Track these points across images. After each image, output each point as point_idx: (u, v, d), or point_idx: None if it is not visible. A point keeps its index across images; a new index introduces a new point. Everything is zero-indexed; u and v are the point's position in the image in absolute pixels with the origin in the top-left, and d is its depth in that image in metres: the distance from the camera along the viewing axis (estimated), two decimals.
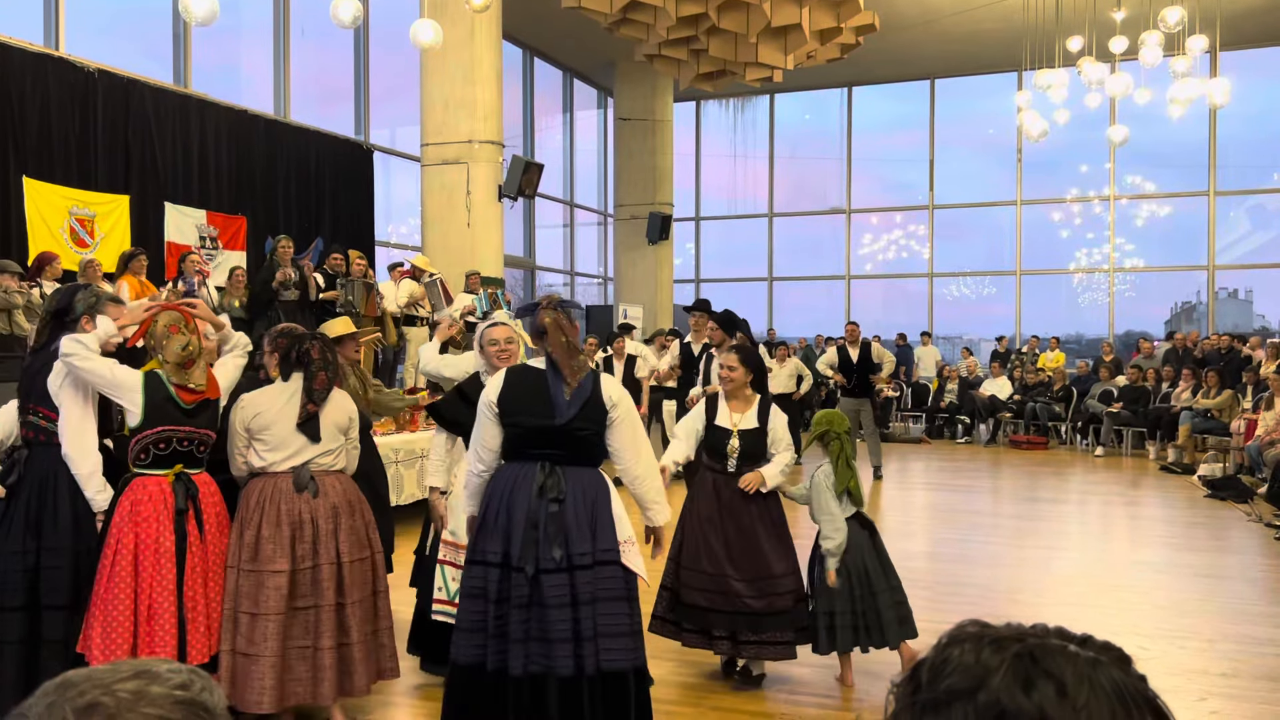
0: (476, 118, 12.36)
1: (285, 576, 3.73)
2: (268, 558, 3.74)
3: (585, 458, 3.38)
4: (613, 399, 3.38)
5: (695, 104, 21.54)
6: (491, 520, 3.34)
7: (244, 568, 3.77)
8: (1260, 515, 8.77)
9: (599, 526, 3.31)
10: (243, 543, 3.78)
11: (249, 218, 11.81)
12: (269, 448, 3.87)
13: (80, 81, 9.97)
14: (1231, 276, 18.91)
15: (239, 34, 13.26)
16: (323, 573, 3.80)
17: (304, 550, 3.79)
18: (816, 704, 4.30)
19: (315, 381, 3.91)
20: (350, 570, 3.86)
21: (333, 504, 3.89)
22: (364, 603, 3.91)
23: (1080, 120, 15.06)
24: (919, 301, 20.22)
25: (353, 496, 4.01)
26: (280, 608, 3.71)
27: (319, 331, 4.18)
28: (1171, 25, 11.76)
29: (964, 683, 0.80)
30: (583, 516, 3.30)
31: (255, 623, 3.70)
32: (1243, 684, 4.54)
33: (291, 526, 3.78)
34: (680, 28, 11.92)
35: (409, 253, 13.02)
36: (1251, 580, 6.72)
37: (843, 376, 11.02)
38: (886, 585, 4.42)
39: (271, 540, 3.75)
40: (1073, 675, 0.79)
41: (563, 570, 3.24)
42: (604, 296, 21.14)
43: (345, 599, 3.83)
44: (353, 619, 3.83)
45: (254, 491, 3.86)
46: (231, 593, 3.78)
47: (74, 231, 9.71)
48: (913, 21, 16.09)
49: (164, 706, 0.84)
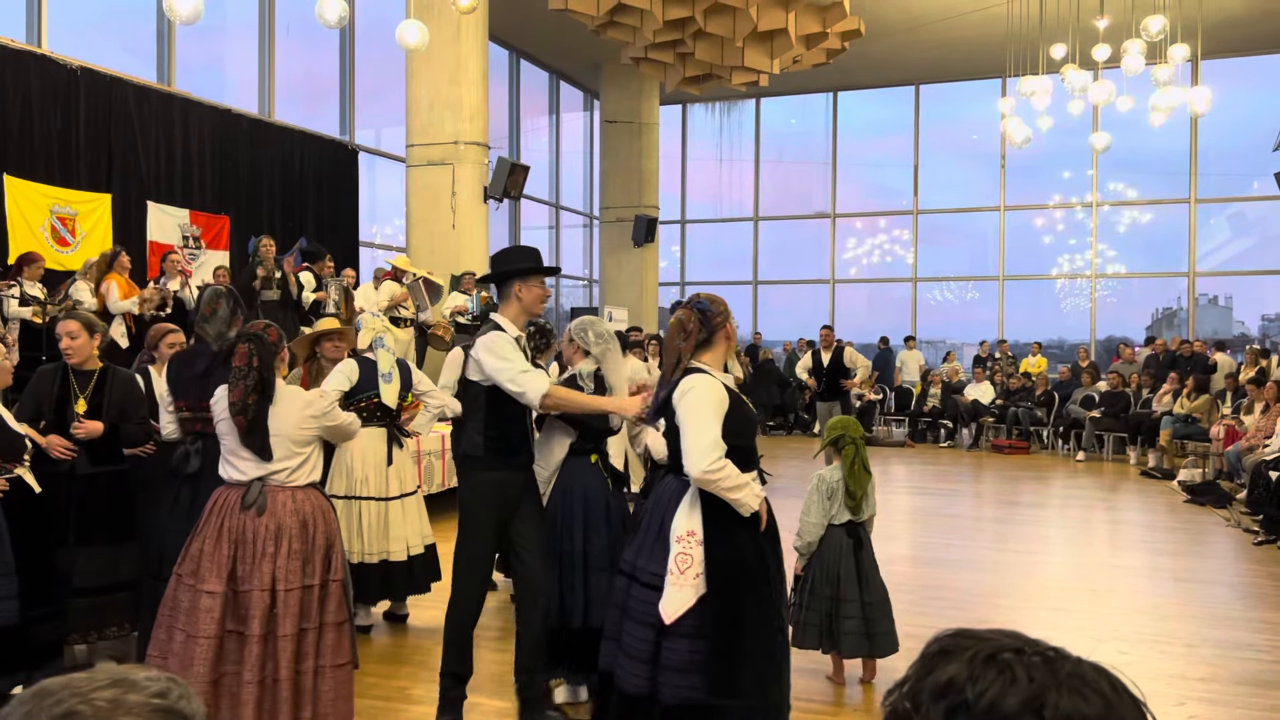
0: (462, 119, 12.34)
1: (219, 599, 3.45)
2: (203, 575, 3.49)
3: (673, 464, 3.22)
4: (677, 396, 3.20)
5: (681, 107, 21.57)
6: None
7: (185, 580, 3.55)
8: (1239, 520, 8.83)
9: (656, 545, 3.16)
10: (188, 552, 3.58)
11: (232, 217, 11.75)
12: (226, 457, 3.67)
13: (62, 79, 9.89)
14: (1212, 283, 19.07)
15: (223, 33, 13.20)
16: (252, 598, 3.46)
17: (244, 571, 3.49)
18: (798, 706, 4.30)
19: (232, 393, 3.57)
20: (285, 599, 3.47)
21: (278, 524, 3.53)
22: (299, 636, 3.49)
23: (1063, 127, 15.15)
24: (903, 306, 20.30)
25: (309, 515, 3.61)
26: (212, 630, 3.42)
27: (254, 333, 3.70)
28: (1153, 34, 11.86)
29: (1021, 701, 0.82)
30: (649, 526, 3.21)
31: (190, 644, 3.45)
32: (1221, 688, 4.57)
33: (232, 544, 3.51)
34: (667, 31, 11.94)
35: (391, 253, 12.99)
36: (1230, 585, 6.77)
37: (814, 380, 11.22)
38: (857, 598, 4.43)
39: (211, 557, 3.50)
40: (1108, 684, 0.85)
41: (625, 575, 3.26)
42: (589, 299, 21.13)
43: (275, 630, 3.45)
44: (282, 654, 3.43)
45: (214, 499, 3.65)
46: (169, 602, 3.57)
47: (55, 230, 9.64)
48: (898, 28, 16.16)
49: (141, 714, 0.84)
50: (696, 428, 3.02)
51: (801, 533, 4.53)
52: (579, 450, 4.25)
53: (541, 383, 3.72)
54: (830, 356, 11.20)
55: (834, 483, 4.52)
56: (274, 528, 3.52)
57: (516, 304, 3.91)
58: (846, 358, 11.17)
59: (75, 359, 4.59)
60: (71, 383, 4.60)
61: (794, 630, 4.49)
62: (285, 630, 3.45)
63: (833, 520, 4.51)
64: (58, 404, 4.56)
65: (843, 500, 4.50)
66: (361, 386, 5.17)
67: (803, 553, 4.54)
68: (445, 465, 8.25)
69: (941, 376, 16.30)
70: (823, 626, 4.45)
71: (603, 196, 19.46)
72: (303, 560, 3.54)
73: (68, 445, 4.47)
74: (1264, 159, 17.15)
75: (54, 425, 4.53)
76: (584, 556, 4.14)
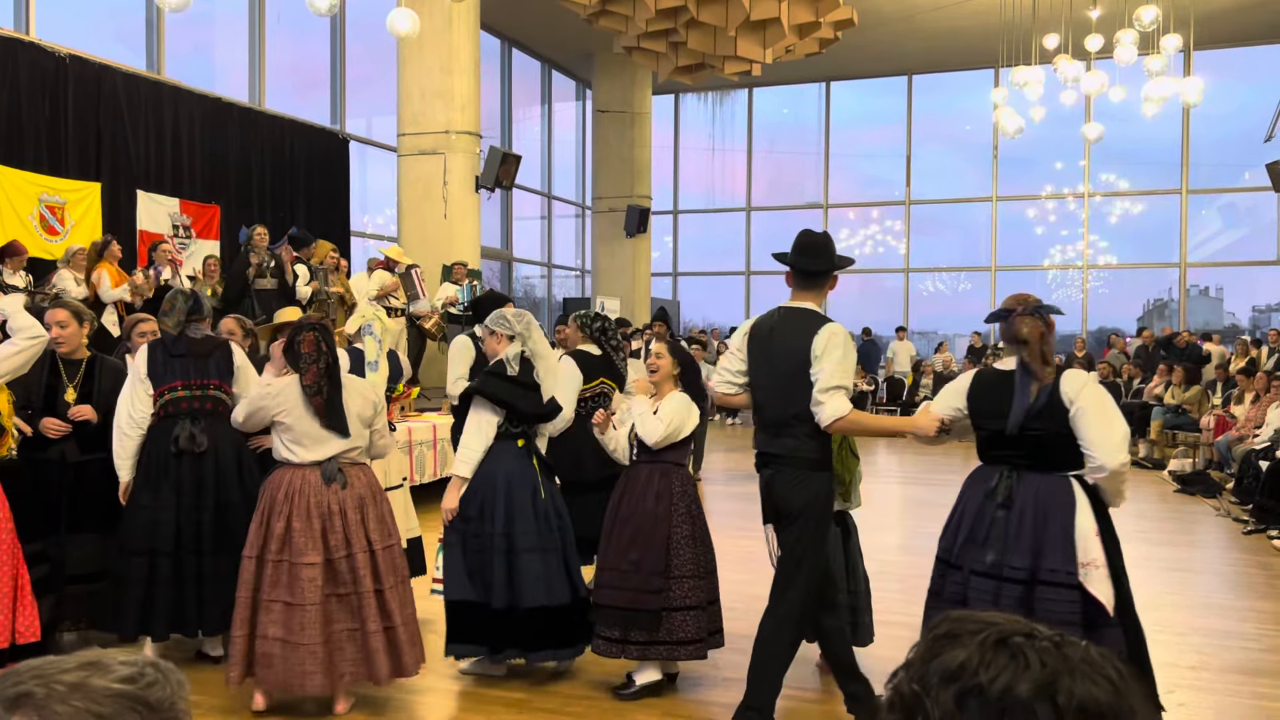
0: (454, 108, 12.29)
1: (319, 568, 3.84)
2: (299, 550, 3.84)
3: (1045, 463, 3.22)
4: (1069, 395, 3.19)
5: (674, 97, 21.52)
6: (954, 519, 3.41)
7: (271, 558, 3.86)
8: (1229, 510, 8.87)
9: (1048, 542, 3.13)
10: (271, 533, 3.87)
11: (223, 207, 11.70)
12: (295, 442, 3.95)
13: (51, 67, 9.82)
14: (1203, 274, 19.13)
15: (213, 21, 13.13)
16: (358, 560, 3.90)
17: (336, 540, 3.88)
18: (786, 695, 4.31)
19: (306, 376, 3.92)
20: (383, 556, 3.97)
21: (359, 494, 3.98)
22: (399, 587, 4.02)
23: (1055, 118, 15.17)
24: (895, 296, 20.32)
25: (375, 486, 4.10)
26: (316, 598, 3.82)
27: (318, 321, 4.23)
28: (1146, 24, 11.87)
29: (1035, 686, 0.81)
30: (1027, 527, 3.16)
31: (291, 612, 3.81)
32: (1210, 676, 4.59)
33: (322, 518, 3.88)
34: (659, 20, 11.91)
35: (384, 242, 12.95)
36: (1220, 574, 6.81)
37: None
38: (844, 587, 4.43)
39: (304, 533, 3.84)
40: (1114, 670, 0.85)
41: (991, 577, 3.18)
42: (581, 289, 21.11)
43: (383, 584, 3.94)
44: (393, 603, 3.95)
45: (281, 483, 3.93)
46: (250, 581, 3.88)
47: (43, 219, 9.58)
48: (891, 17, 16.14)
49: (95, 699, 0.82)
50: (1109, 420, 3.16)
51: None
52: (506, 434, 4.28)
53: (841, 404, 3.54)
54: None
55: None
56: (356, 499, 3.96)
57: (822, 295, 3.83)
58: None
59: (65, 348, 4.57)
60: (60, 371, 4.58)
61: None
62: (389, 583, 3.95)
63: None
64: (47, 392, 4.54)
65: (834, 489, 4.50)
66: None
67: None
68: (436, 455, 8.23)
69: (934, 367, 16.33)
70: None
71: (595, 186, 19.43)
72: (385, 523, 4.04)
73: (60, 424, 4.47)
74: (1255, 150, 17.20)
75: (42, 414, 4.51)
76: (507, 539, 4.19)
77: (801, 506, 3.64)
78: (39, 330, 4.05)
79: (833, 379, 3.53)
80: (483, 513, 4.21)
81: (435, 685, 4.37)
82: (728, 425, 16.48)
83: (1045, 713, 0.80)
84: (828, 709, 4.18)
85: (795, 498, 3.65)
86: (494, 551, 4.19)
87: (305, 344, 3.95)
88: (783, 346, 3.67)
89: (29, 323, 4.04)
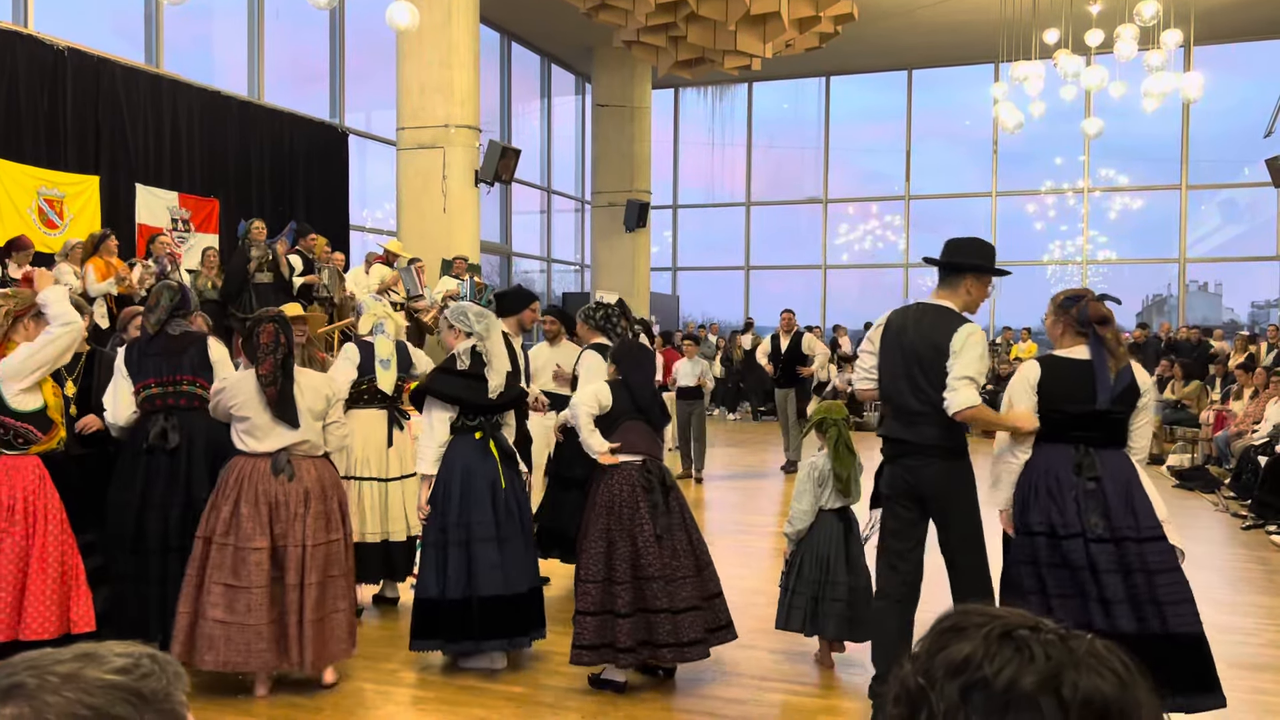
0: (453, 102, 12.28)
1: (265, 553, 3.97)
2: (246, 535, 3.95)
3: (1117, 440, 3.61)
4: (1144, 386, 3.60)
5: (674, 91, 21.50)
6: (1043, 495, 3.57)
7: (217, 541, 3.96)
8: (1227, 505, 8.88)
9: (1138, 505, 3.53)
10: (219, 516, 3.97)
11: (222, 200, 11.69)
12: (248, 433, 4.04)
13: (50, 60, 9.81)
14: (1202, 269, 19.13)
15: (212, 14, 13.11)
16: (290, 554, 4.01)
17: (280, 529, 4.00)
18: (786, 690, 4.32)
19: (261, 367, 3.98)
20: (311, 554, 4.05)
21: (305, 489, 4.05)
22: (320, 585, 4.07)
23: (1055, 113, 15.16)
24: (894, 291, 20.32)
25: (326, 481, 4.15)
26: (263, 581, 3.96)
27: (277, 313, 4.23)
28: (1146, 19, 11.85)
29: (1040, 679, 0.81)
30: (1119, 495, 3.51)
31: (235, 594, 3.93)
32: None
33: (269, 506, 3.99)
34: (659, 14, 11.89)
35: (383, 237, 12.95)
36: (1218, 569, 6.81)
37: (772, 366, 10.91)
38: (844, 581, 4.45)
39: (251, 519, 3.96)
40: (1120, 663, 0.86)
41: (1107, 541, 3.47)
42: (581, 284, 21.11)
43: (304, 580, 4.02)
44: (307, 599, 4.02)
45: (234, 469, 4.05)
46: (199, 561, 3.98)
47: (42, 212, 9.57)
48: (891, 11, 16.12)
49: (88, 690, 0.81)
50: (1151, 422, 3.72)
51: (793, 520, 4.55)
52: (463, 428, 4.35)
53: (971, 395, 3.66)
54: (789, 342, 10.88)
55: (825, 470, 4.54)
56: (302, 492, 4.04)
57: (966, 297, 3.85)
58: (805, 344, 10.89)
59: None
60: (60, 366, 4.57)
61: (781, 613, 4.56)
62: (312, 579, 4.03)
63: (824, 505, 4.53)
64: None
65: (833, 485, 4.52)
66: (361, 370, 5.21)
67: (792, 539, 4.57)
68: None
69: None
70: (808, 610, 4.47)
71: (594, 181, 19.41)
72: (326, 520, 4.10)
73: (97, 421, 4.51)
74: (1255, 145, 17.19)
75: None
76: (466, 530, 4.24)
77: (958, 493, 3.86)
78: (72, 316, 3.97)
79: (967, 370, 3.67)
80: (441, 504, 4.30)
81: (432, 680, 4.38)
82: (728, 420, 16.49)
83: (1050, 706, 0.79)
84: (828, 704, 4.18)
85: (950, 485, 3.85)
86: (451, 543, 4.26)
87: (264, 335, 3.99)
88: (919, 340, 3.77)
89: (63, 310, 3.97)
